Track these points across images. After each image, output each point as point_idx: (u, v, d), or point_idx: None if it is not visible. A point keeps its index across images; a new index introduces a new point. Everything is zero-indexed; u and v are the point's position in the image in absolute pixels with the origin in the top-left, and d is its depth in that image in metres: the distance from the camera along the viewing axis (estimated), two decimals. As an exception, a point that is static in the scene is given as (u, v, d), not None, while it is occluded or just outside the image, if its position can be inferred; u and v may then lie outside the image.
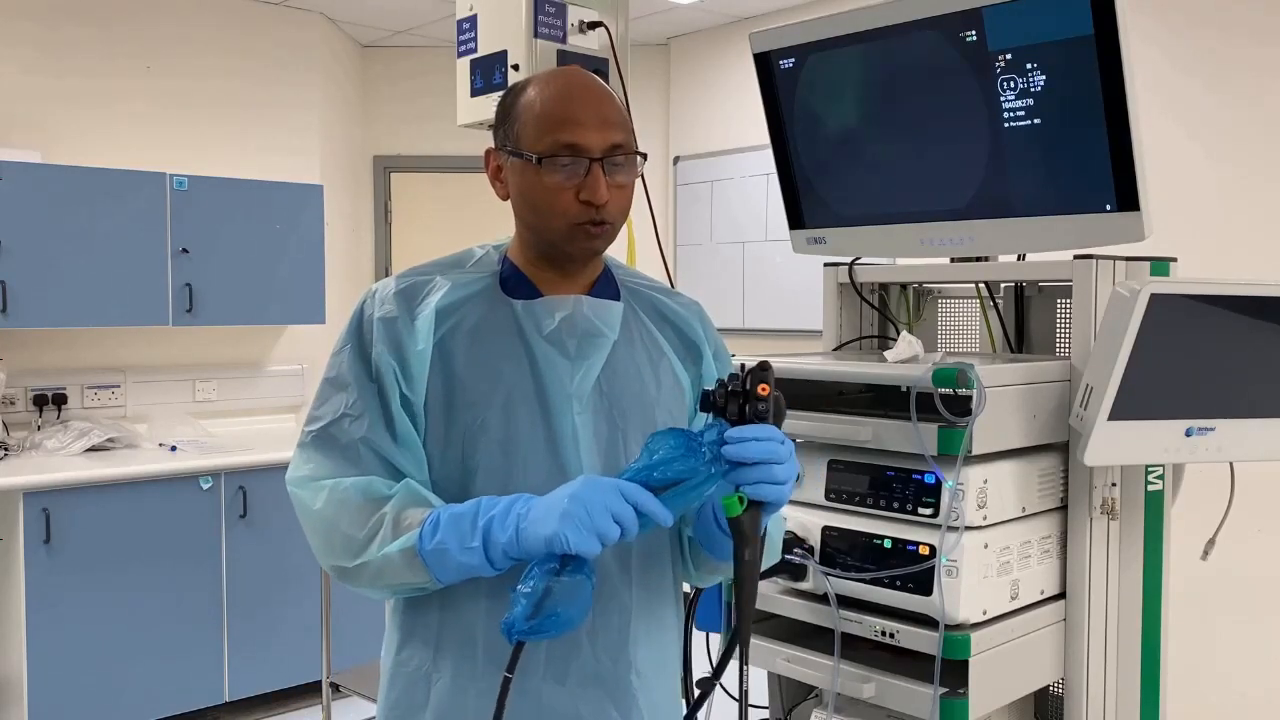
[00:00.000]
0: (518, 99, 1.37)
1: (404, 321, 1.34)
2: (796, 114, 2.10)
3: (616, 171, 1.35)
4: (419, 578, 1.25)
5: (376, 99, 5.35)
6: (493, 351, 1.35)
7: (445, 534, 1.22)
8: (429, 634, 1.35)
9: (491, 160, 1.41)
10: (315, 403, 1.37)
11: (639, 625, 1.36)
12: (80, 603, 3.56)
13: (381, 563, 1.25)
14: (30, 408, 4.08)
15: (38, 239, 3.78)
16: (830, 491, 1.82)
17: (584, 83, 1.38)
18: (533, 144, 1.33)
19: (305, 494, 1.31)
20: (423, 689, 1.34)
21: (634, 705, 1.35)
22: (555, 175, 1.32)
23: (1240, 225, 3.37)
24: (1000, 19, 1.76)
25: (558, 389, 1.34)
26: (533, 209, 1.36)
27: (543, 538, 1.18)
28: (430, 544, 1.22)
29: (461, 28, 2.44)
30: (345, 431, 1.31)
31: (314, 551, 1.34)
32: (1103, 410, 1.62)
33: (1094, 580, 1.80)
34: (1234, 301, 1.67)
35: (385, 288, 1.38)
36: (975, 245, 1.95)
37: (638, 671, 1.36)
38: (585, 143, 1.32)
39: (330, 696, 3.50)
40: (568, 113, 1.33)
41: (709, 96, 5.18)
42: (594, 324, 1.37)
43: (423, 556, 1.22)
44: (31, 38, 4.14)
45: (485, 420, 1.32)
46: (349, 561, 1.28)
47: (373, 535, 1.25)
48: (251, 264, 4.27)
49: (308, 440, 1.34)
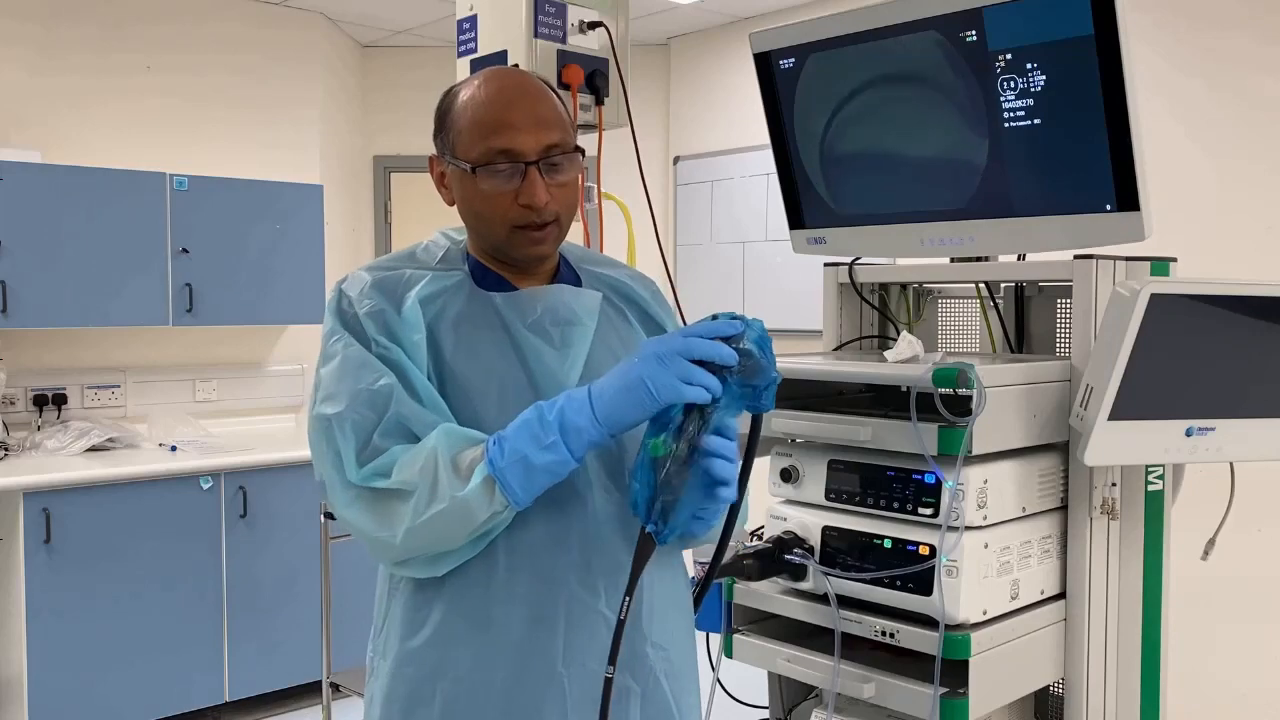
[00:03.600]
0: (451, 106, 1.37)
1: (391, 314, 1.32)
2: (796, 114, 2.10)
3: (555, 171, 1.34)
4: (495, 507, 1.21)
5: (376, 99, 5.35)
6: (480, 343, 1.34)
7: (516, 442, 1.20)
8: (431, 635, 1.32)
9: (435, 167, 1.41)
10: (333, 386, 1.29)
11: (652, 598, 1.36)
12: (80, 603, 3.57)
13: (452, 508, 1.20)
14: (30, 408, 4.08)
15: (38, 239, 3.78)
16: (830, 491, 1.82)
17: (515, 84, 1.36)
18: (467, 152, 1.32)
19: (387, 482, 1.24)
20: (429, 685, 1.32)
21: (651, 675, 1.36)
22: (492, 181, 1.32)
23: (1240, 225, 3.37)
24: (1000, 19, 1.76)
25: (548, 379, 1.34)
26: (475, 215, 1.36)
27: (629, 404, 1.18)
28: (503, 460, 1.20)
29: (461, 28, 2.44)
30: (383, 406, 1.26)
31: (377, 537, 1.27)
32: (1103, 410, 1.62)
33: (1094, 580, 1.80)
34: (1234, 301, 1.66)
35: (357, 282, 1.35)
36: (975, 245, 1.95)
37: (654, 644, 1.36)
38: (519, 147, 1.31)
39: (330, 696, 3.51)
40: (500, 118, 1.32)
41: (709, 96, 5.18)
42: (575, 313, 1.38)
43: (498, 475, 1.19)
44: (31, 38, 4.14)
45: (479, 413, 1.31)
46: (420, 516, 1.21)
47: (434, 482, 1.21)
48: (251, 264, 4.28)
49: (346, 426, 1.26)
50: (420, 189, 5.38)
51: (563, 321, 1.37)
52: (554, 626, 1.30)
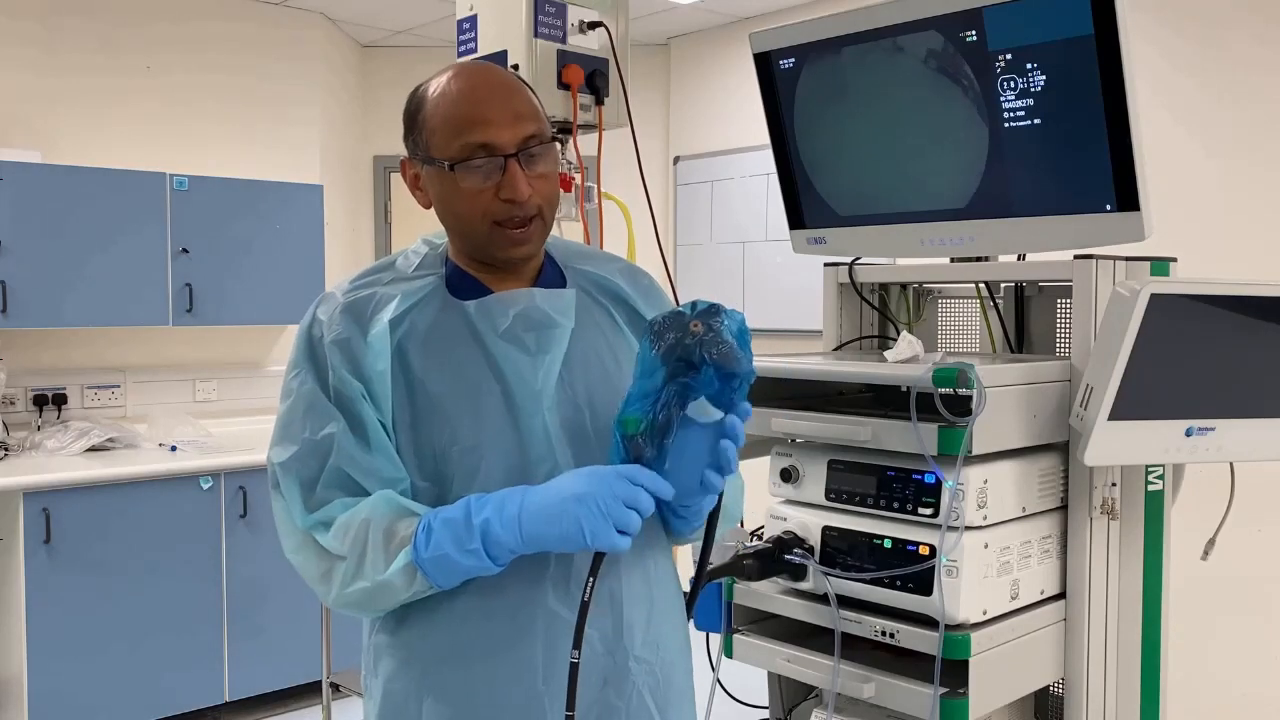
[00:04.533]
0: (421, 105, 1.33)
1: (357, 342, 1.29)
2: (796, 114, 2.10)
3: (535, 163, 1.31)
4: (418, 588, 1.23)
5: (376, 99, 5.34)
6: (451, 358, 1.32)
7: (440, 538, 1.20)
8: (412, 654, 1.32)
9: (408, 170, 1.37)
10: (282, 432, 1.32)
11: (634, 613, 1.35)
12: (80, 603, 3.56)
13: (375, 588, 1.23)
14: (30, 408, 4.08)
15: (38, 239, 3.78)
16: (830, 491, 1.82)
17: (486, 79, 1.34)
18: (443, 150, 1.30)
19: (326, 537, 1.27)
20: (414, 704, 1.31)
21: (635, 692, 1.34)
22: (471, 178, 1.29)
23: (1240, 225, 3.37)
24: (1000, 19, 1.76)
25: (523, 388, 1.32)
26: (455, 215, 1.33)
27: (557, 537, 1.18)
28: (426, 553, 1.20)
29: (461, 28, 2.44)
30: (324, 457, 1.28)
31: (312, 581, 1.31)
32: (1103, 410, 1.62)
33: (1094, 580, 1.80)
34: (1234, 301, 1.66)
35: (330, 306, 1.33)
36: (975, 245, 1.95)
37: (637, 658, 1.35)
38: (497, 140, 1.28)
39: (330, 696, 3.50)
40: (475, 113, 1.29)
41: (709, 96, 5.18)
42: (549, 315, 1.34)
43: (420, 565, 1.21)
44: (32, 38, 4.14)
45: (455, 431, 1.29)
46: (347, 587, 1.25)
47: (361, 556, 1.23)
48: (251, 264, 4.27)
49: (290, 476, 1.29)
50: (420, 189, 5.39)
51: (536, 326, 1.33)
52: (532, 644, 1.29)
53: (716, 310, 1.21)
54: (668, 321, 1.22)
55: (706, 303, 1.23)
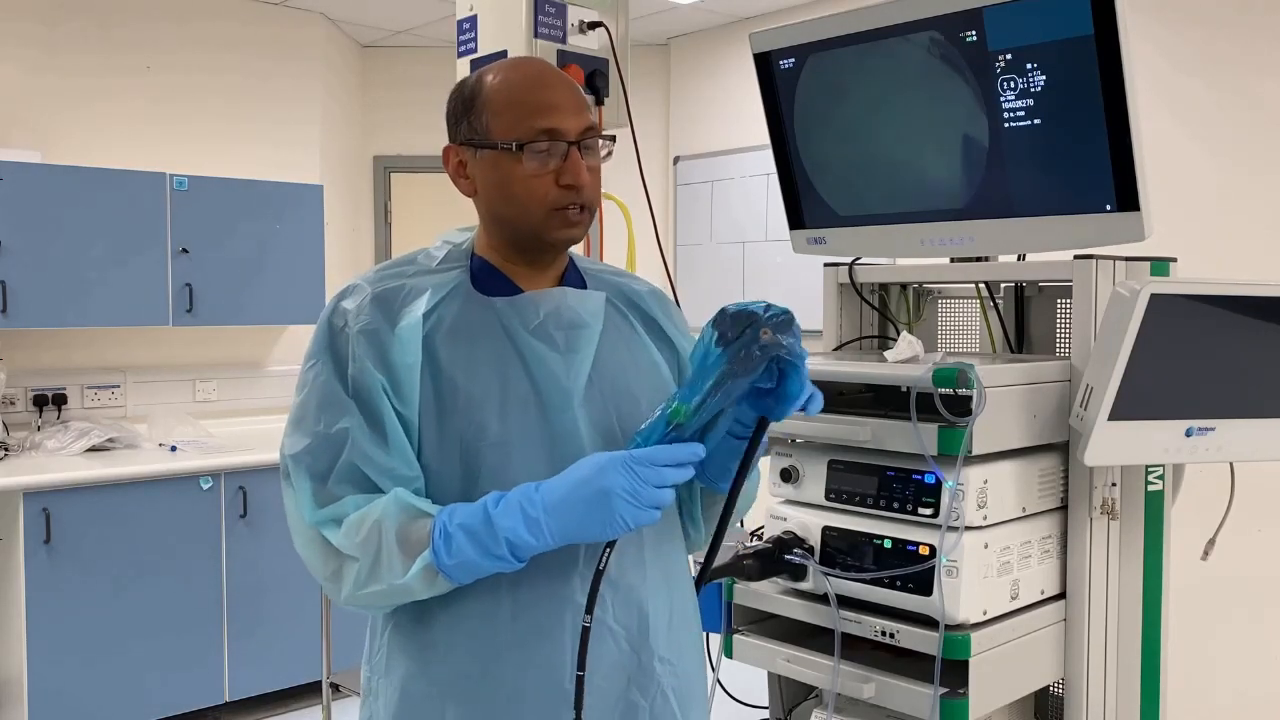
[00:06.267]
0: (479, 91, 1.34)
1: (385, 333, 1.29)
2: (796, 114, 2.10)
3: (589, 155, 1.34)
4: (438, 589, 1.23)
5: (376, 99, 5.35)
6: (480, 352, 1.32)
7: (461, 545, 1.20)
8: (433, 655, 1.31)
9: (453, 157, 1.38)
10: (296, 424, 1.31)
11: (659, 614, 1.36)
12: (80, 603, 3.56)
13: (391, 590, 1.23)
14: (30, 408, 4.08)
15: (38, 239, 3.78)
16: (830, 491, 1.82)
17: (548, 69, 1.39)
18: (508, 132, 1.31)
19: (336, 535, 1.26)
20: (437, 704, 1.30)
21: (659, 691, 1.34)
22: (534, 161, 1.30)
23: (1240, 225, 3.37)
24: (1000, 19, 1.76)
25: (554, 385, 1.32)
26: (508, 199, 1.33)
27: (593, 535, 1.20)
28: (449, 560, 1.20)
29: (461, 28, 2.44)
30: (336, 451, 1.27)
31: (321, 576, 1.30)
32: (1103, 410, 1.62)
33: (1094, 580, 1.80)
34: (1234, 301, 1.66)
35: (358, 296, 1.32)
36: (975, 245, 1.95)
37: (661, 659, 1.35)
38: (563, 126, 1.31)
39: (330, 696, 3.50)
40: (542, 98, 1.32)
41: (709, 96, 5.18)
42: (580, 315, 1.35)
43: (443, 570, 1.21)
44: (31, 38, 4.14)
45: (483, 424, 1.29)
46: (361, 589, 1.25)
47: (376, 559, 1.23)
48: (251, 264, 4.27)
49: (301, 469, 1.28)
50: (420, 189, 5.39)
51: (567, 325, 1.34)
52: (559, 641, 1.29)
53: (789, 322, 1.21)
54: (740, 318, 1.21)
55: (780, 310, 1.22)
